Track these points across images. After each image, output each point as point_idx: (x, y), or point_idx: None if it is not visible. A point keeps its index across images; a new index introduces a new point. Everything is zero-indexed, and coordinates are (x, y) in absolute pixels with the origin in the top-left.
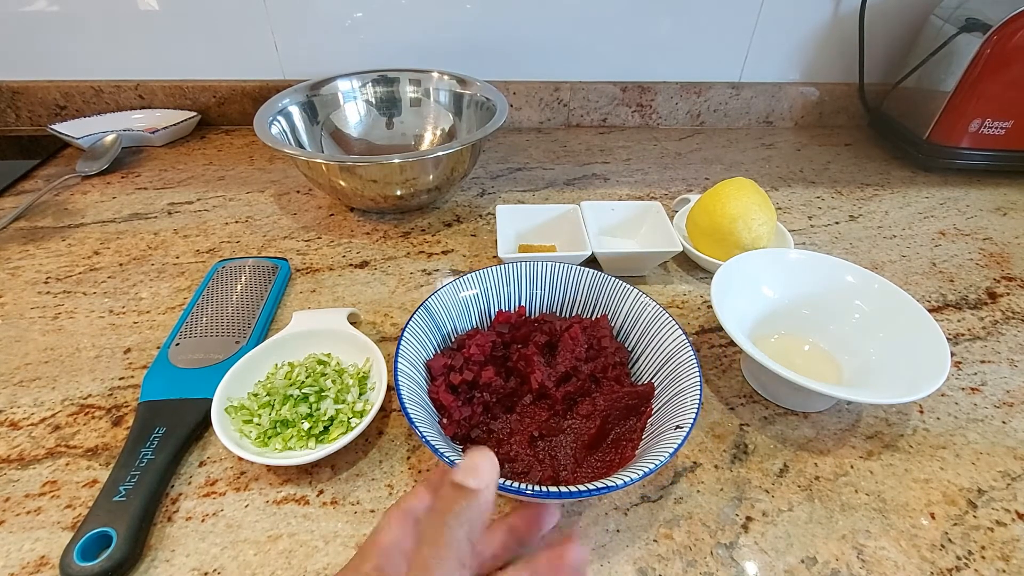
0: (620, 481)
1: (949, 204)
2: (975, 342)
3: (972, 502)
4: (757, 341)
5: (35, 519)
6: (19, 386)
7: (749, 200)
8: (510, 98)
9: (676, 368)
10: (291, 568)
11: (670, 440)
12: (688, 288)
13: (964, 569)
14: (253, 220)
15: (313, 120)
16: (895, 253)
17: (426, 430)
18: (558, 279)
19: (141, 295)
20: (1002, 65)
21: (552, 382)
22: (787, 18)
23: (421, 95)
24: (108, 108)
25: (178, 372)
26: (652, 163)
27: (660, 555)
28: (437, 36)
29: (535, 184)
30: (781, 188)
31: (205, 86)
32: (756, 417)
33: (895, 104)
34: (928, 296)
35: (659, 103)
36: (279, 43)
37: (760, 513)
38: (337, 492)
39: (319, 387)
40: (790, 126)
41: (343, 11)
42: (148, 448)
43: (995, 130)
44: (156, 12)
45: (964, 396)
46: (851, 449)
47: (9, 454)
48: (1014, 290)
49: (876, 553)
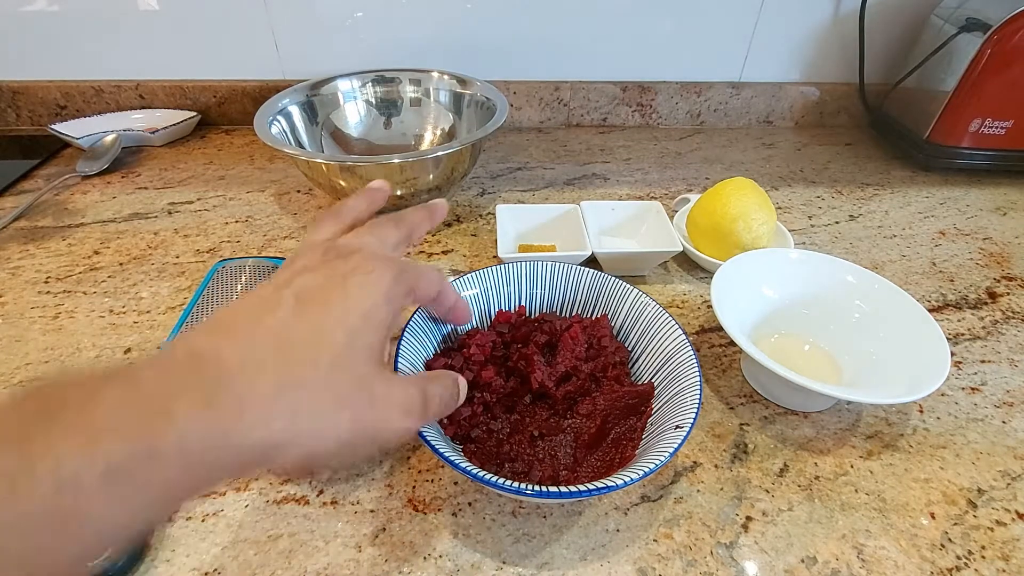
0: (620, 481)
1: (949, 204)
2: (975, 342)
3: (972, 502)
4: (757, 341)
5: None
6: (19, 386)
7: (749, 200)
8: (510, 98)
9: (676, 368)
10: (291, 568)
11: (670, 440)
12: (688, 288)
13: (964, 569)
14: (253, 220)
15: (313, 120)
16: (895, 253)
17: (426, 430)
18: (558, 279)
19: (141, 295)
20: (1002, 65)
21: (552, 382)
22: (787, 18)
23: (421, 95)
24: (108, 108)
25: None
26: (652, 163)
27: (660, 555)
28: (437, 36)
29: (535, 184)
30: (781, 188)
31: (205, 86)
32: (756, 417)
33: (895, 104)
34: (928, 296)
35: (659, 103)
36: (279, 43)
37: (760, 513)
38: (337, 492)
39: None
40: (790, 126)
41: (343, 11)
42: None
43: (995, 130)
44: (156, 12)
45: (964, 396)
46: (851, 449)
47: None
48: (1014, 290)
49: (876, 553)
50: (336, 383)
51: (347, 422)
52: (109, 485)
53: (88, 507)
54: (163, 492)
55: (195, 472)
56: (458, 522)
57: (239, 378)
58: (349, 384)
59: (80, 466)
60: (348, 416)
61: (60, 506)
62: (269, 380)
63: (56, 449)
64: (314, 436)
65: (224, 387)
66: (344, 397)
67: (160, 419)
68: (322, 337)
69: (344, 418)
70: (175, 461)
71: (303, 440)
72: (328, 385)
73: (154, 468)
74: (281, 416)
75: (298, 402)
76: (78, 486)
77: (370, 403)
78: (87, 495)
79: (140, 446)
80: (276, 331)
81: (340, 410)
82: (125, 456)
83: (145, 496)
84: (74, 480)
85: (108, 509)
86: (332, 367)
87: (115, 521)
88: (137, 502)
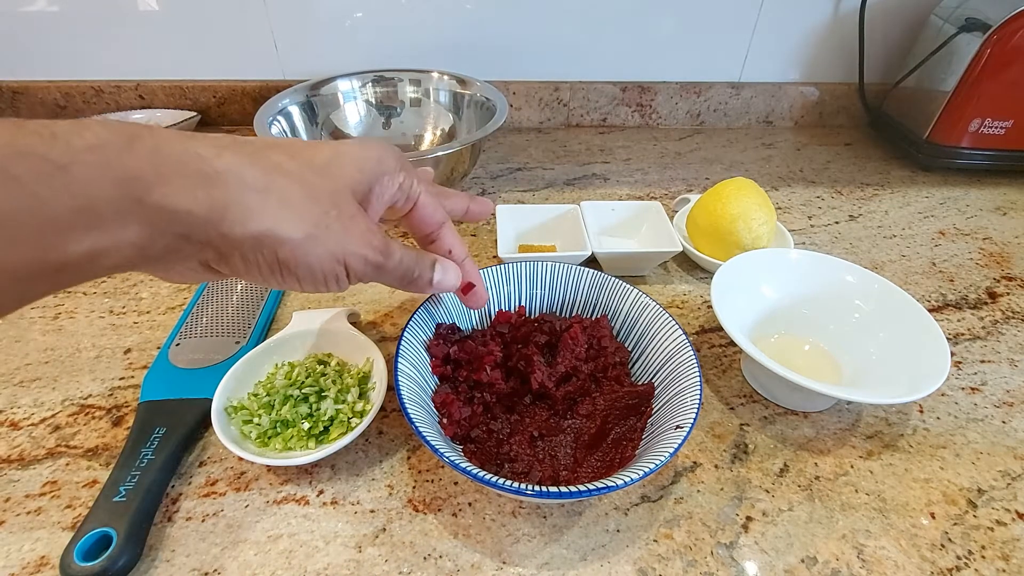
0: (620, 481)
1: (949, 204)
2: (975, 342)
3: (972, 502)
4: (757, 341)
5: (35, 519)
6: (19, 386)
7: (749, 200)
8: (510, 98)
9: (676, 368)
10: (291, 568)
11: (670, 440)
12: (688, 288)
13: (964, 569)
14: None
15: (313, 120)
16: (895, 253)
17: (426, 430)
18: (558, 279)
19: (141, 295)
20: (1002, 65)
21: (552, 382)
22: (787, 18)
23: (421, 95)
24: (108, 108)
25: (178, 372)
26: (652, 163)
27: (660, 555)
28: (437, 36)
29: (535, 184)
30: (781, 188)
31: (205, 86)
32: (756, 417)
33: (895, 104)
34: (928, 296)
35: (659, 103)
36: (279, 43)
37: (760, 513)
38: (337, 492)
39: (319, 387)
40: (790, 126)
41: (343, 11)
42: (148, 448)
43: (995, 130)
44: (156, 12)
45: (964, 396)
46: (851, 449)
47: (9, 454)
48: (1014, 290)
49: (876, 553)
50: (315, 186)
51: (312, 215)
52: (92, 151)
53: (74, 165)
54: (127, 178)
55: (161, 172)
56: (458, 522)
57: (231, 149)
58: (323, 192)
59: (71, 133)
60: (313, 211)
61: (58, 159)
62: (262, 156)
63: (59, 126)
64: (269, 202)
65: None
66: (317, 197)
67: (147, 130)
68: (316, 150)
69: (307, 211)
70: (146, 155)
71: (255, 191)
72: (302, 179)
73: (129, 150)
74: (256, 181)
75: (272, 176)
76: (70, 145)
77: (338, 214)
78: (75, 154)
79: (123, 135)
80: (282, 142)
81: (305, 202)
82: (108, 136)
83: (117, 172)
84: (69, 142)
85: (87, 171)
86: (315, 171)
87: (91, 189)
88: (109, 176)
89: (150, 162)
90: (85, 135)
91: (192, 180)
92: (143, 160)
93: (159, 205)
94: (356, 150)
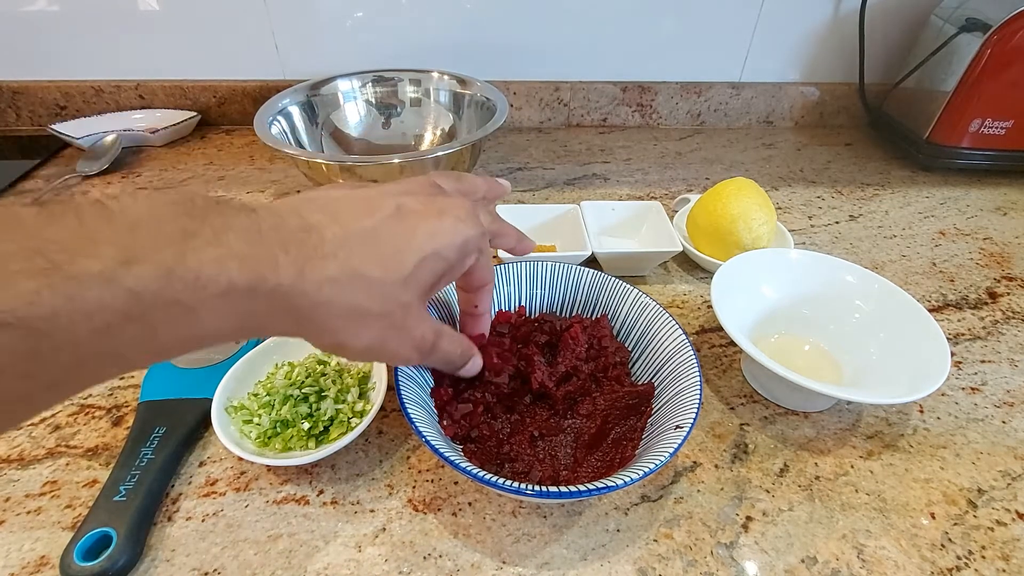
0: (620, 481)
1: (949, 204)
2: (975, 342)
3: (972, 502)
4: (757, 341)
5: (35, 519)
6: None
7: (749, 200)
8: (510, 98)
9: (676, 368)
10: (291, 568)
11: (670, 440)
12: (688, 288)
13: (964, 569)
14: None
15: (313, 120)
16: (895, 253)
17: (426, 430)
18: (558, 279)
19: None
20: (1002, 65)
21: (552, 382)
22: (787, 18)
23: (421, 95)
24: (108, 108)
25: (178, 372)
26: (652, 163)
27: (660, 555)
28: (437, 36)
29: (535, 184)
30: (781, 188)
31: (205, 86)
32: (756, 417)
33: (895, 104)
34: (928, 296)
35: (659, 103)
36: (279, 43)
37: (760, 513)
38: (337, 492)
39: (319, 387)
40: (790, 126)
41: (343, 11)
42: (148, 448)
43: (995, 130)
44: (156, 12)
45: (964, 396)
46: (851, 449)
47: (9, 454)
48: (1014, 290)
49: (876, 553)
50: (388, 297)
51: (375, 330)
52: (220, 297)
53: (201, 308)
54: (244, 319)
55: (276, 308)
56: (458, 522)
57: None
58: (395, 304)
59: (210, 274)
60: (378, 326)
61: (185, 299)
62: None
63: (200, 255)
64: (346, 322)
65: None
66: (386, 312)
67: (267, 265)
68: (401, 253)
69: (374, 325)
70: (263, 300)
71: (337, 315)
72: (382, 294)
73: (250, 300)
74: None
75: (355, 291)
76: (202, 288)
77: (400, 327)
78: (204, 298)
79: (251, 280)
80: (370, 228)
81: (376, 318)
82: (242, 283)
83: (233, 317)
84: (201, 283)
85: (211, 317)
86: (394, 283)
87: (214, 328)
88: (230, 321)
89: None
90: (220, 280)
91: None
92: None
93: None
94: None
